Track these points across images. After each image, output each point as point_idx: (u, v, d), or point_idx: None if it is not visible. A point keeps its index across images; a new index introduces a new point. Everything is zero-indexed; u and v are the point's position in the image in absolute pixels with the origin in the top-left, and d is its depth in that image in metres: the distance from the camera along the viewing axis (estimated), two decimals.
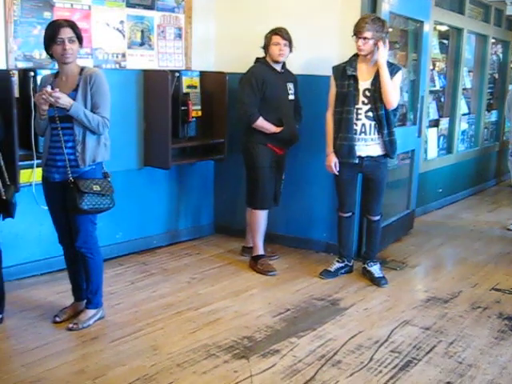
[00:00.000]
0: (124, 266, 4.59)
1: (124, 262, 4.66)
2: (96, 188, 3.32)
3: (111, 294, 4.00)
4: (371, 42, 4.09)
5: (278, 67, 4.52)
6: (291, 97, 4.57)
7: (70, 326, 3.47)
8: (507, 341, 3.57)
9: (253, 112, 4.42)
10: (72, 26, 3.26)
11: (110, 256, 4.56)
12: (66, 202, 3.34)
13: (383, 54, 4.10)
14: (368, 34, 4.07)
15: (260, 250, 4.64)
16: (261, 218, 4.61)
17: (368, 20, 4.11)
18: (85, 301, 3.60)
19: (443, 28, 7.31)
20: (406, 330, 3.66)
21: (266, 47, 4.49)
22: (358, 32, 4.10)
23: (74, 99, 3.24)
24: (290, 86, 4.56)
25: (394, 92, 4.14)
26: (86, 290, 3.59)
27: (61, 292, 3.95)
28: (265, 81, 4.42)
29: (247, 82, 4.45)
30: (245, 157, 4.64)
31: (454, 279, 4.62)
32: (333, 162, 4.31)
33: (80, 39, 3.28)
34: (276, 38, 4.42)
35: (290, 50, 4.47)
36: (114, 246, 4.69)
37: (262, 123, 4.44)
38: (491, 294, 4.33)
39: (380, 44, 4.09)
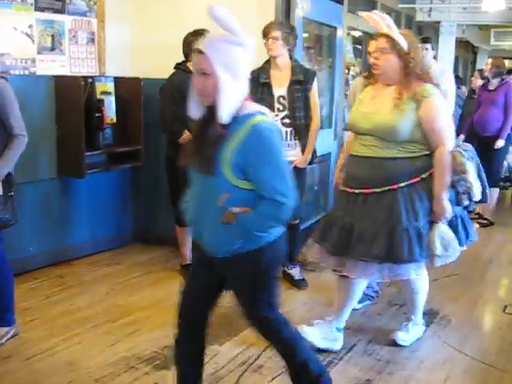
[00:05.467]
0: (39, 280, 4.41)
1: (39, 276, 4.47)
2: None
3: (25, 309, 3.83)
4: (280, 42, 4.14)
5: None
6: None
7: None
8: (423, 336, 3.69)
9: (177, 128, 4.19)
10: None
11: (23, 270, 4.38)
12: None
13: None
14: (277, 33, 4.13)
15: (187, 260, 4.59)
16: (182, 233, 4.52)
17: (275, 22, 4.28)
18: None
19: (357, 33, 7.51)
20: None
21: (191, 52, 4.33)
22: (266, 32, 4.14)
23: None
24: None
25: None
26: None
27: None
28: (186, 90, 4.24)
29: (168, 93, 4.23)
30: (168, 169, 4.43)
31: None
32: None
33: None
34: None
35: None
36: (28, 259, 4.50)
37: (188, 138, 4.25)
38: None
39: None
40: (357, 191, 3.18)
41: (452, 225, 3.19)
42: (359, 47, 7.61)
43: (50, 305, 3.98)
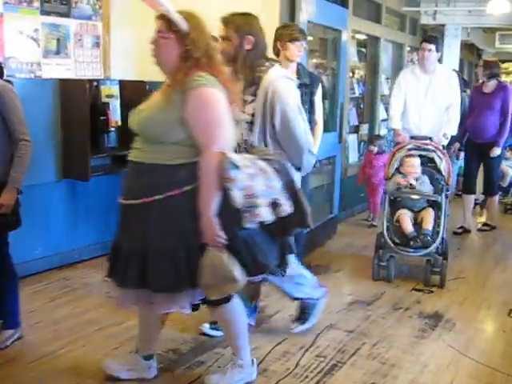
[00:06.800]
0: (44, 283, 4.41)
1: (44, 279, 4.48)
2: None
3: (30, 312, 3.83)
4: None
5: None
6: None
7: None
8: (428, 339, 3.69)
9: None
10: None
11: (28, 273, 4.38)
12: None
13: None
14: (305, 43, 4.18)
15: None
16: None
17: (299, 28, 4.23)
18: (0, 322, 3.43)
19: (361, 37, 7.51)
20: (331, 334, 3.71)
21: None
22: (296, 38, 4.07)
23: None
24: None
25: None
26: (1, 311, 3.42)
27: None
28: None
29: None
30: None
31: (377, 282, 4.72)
32: None
33: None
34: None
35: None
36: (33, 262, 4.51)
37: None
38: (412, 295, 4.46)
39: None
40: (121, 203, 2.69)
41: (232, 251, 2.58)
42: (363, 50, 7.61)
43: (54, 308, 3.99)
